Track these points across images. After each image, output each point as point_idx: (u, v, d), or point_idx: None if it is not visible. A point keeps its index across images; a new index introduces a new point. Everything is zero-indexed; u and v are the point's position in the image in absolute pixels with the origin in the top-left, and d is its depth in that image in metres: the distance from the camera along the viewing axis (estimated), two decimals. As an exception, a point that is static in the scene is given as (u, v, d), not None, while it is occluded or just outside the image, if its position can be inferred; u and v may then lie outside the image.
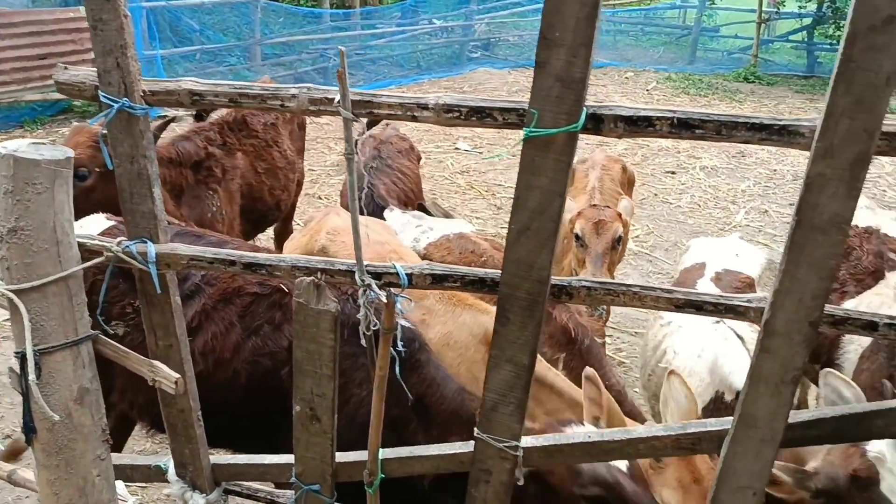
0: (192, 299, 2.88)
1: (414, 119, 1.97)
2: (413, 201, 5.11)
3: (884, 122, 1.64)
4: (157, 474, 2.70)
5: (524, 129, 1.84)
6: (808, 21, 18.61)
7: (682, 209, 9.29)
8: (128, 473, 2.75)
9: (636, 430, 2.17)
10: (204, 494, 2.62)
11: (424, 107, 1.95)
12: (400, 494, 2.54)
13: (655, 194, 9.72)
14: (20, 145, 2.13)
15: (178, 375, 2.24)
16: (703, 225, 8.84)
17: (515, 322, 2.05)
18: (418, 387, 2.69)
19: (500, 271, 2.04)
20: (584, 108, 1.81)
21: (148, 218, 2.26)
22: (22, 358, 2.15)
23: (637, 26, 21.92)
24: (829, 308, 1.86)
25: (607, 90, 15.25)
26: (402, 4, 17.47)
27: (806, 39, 18.77)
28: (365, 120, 5.31)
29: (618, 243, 4.55)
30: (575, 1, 1.70)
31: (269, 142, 5.02)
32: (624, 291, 2.02)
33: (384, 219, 4.56)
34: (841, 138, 1.64)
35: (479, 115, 1.91)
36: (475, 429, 2.22)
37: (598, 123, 1.84)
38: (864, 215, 4.33)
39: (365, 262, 2.14)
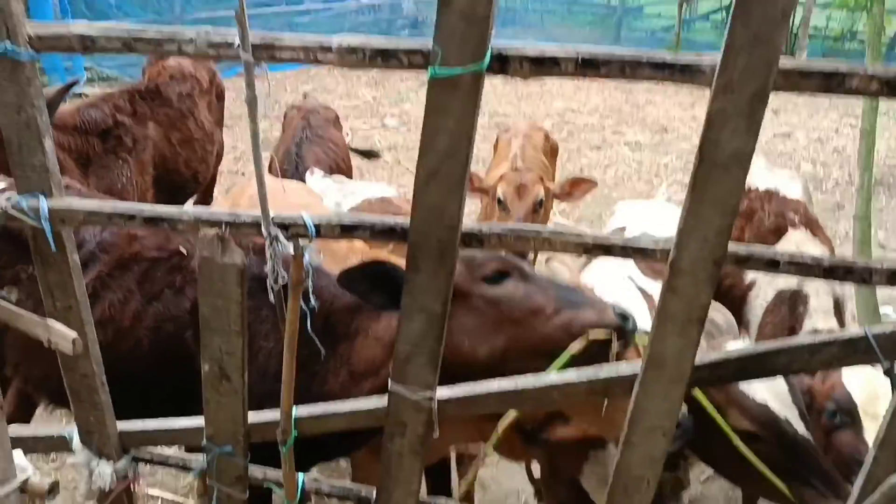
0: (87, 268, 2.74)
1: (317, 61, 1.91)
2: (345, 173, 5.04)
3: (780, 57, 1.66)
4: (62, 444, 2.59)
5: (429, 67, 1.80)
6: (727, 0, 19.09)
7: (607, 183, 9.43)
8: (30, 445, 2.63)
9: (550, 377, 2.17)
10: (111, 462, 2.53)
11: (328, 49, 1.89)
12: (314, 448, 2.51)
13: (581, 169, 9.83)
14: None
15: (74, 334, 2.14)
16: (627, 198, 8.98)
17: (426, 271, 2.02)
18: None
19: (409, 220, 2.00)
20: (490, 48, 1.78)
21: (39, 171, 2.14)
22: None
23: (564, 5, 22.09)
24: (732, 246, 1.88)
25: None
26: (329, -19, 17.22)
27: (725, 18, 19.22)
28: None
29: (539, 206, 4.55)
30: (477, -66, 1.66)
31: (185, 112, 4.86)
32: (535, 236, 2.01)
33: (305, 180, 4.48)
34: (740, 73, 1.65)
35: (384, 56, 1.86)
36: (389, 381, 2.19)
37: (503, 63, 1.81)
38: (763, 176, 4.46)
39: (272, 214, 2.07)
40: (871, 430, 2.72)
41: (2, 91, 2.06)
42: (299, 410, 2.32)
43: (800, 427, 2.44)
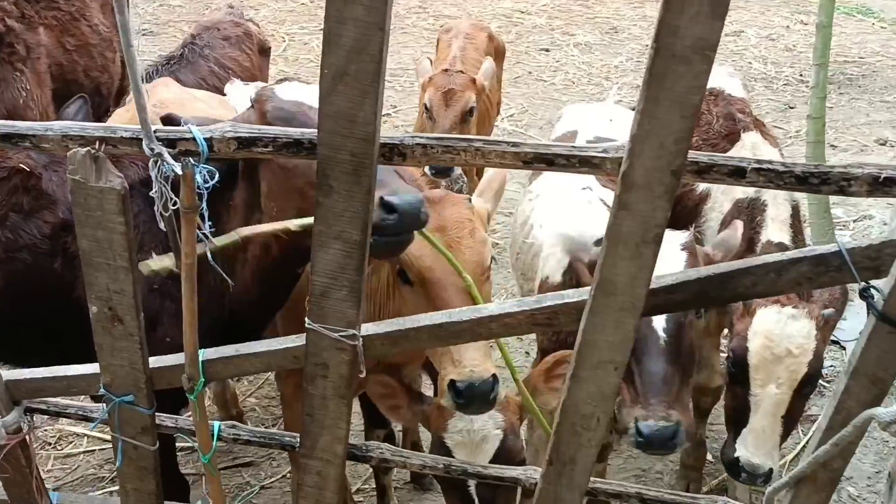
0: None
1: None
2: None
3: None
4: (-58, 397, 2.28)
5: (327, -59, 1.46)
6: None
7: (557, 86, 9.08)
8: None
9: (487, 308, 1.92)
10: (-1, 416, 2.24)
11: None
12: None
13: (529, 72, 9.43)
14: None
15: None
16: (576, 102, 8.67)
17: (340, 191, 1.72)
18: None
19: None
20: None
21: None
22: None
23: None
24: (692, 154, 1.62)
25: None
26: None
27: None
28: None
29: (469, 115, 4.18)
30: None
31: (75, 15, 4.30)
32: (465, 148, 1.71)
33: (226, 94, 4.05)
34: (706, -59, 1.35)
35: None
36: (305, 319, 1.92)
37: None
38: None
39: (154, 127, 1.74)
40: (782, 369, 2.59)
41: None
42: (207, 353, 2.04)
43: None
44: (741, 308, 2.72)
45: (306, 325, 1.92)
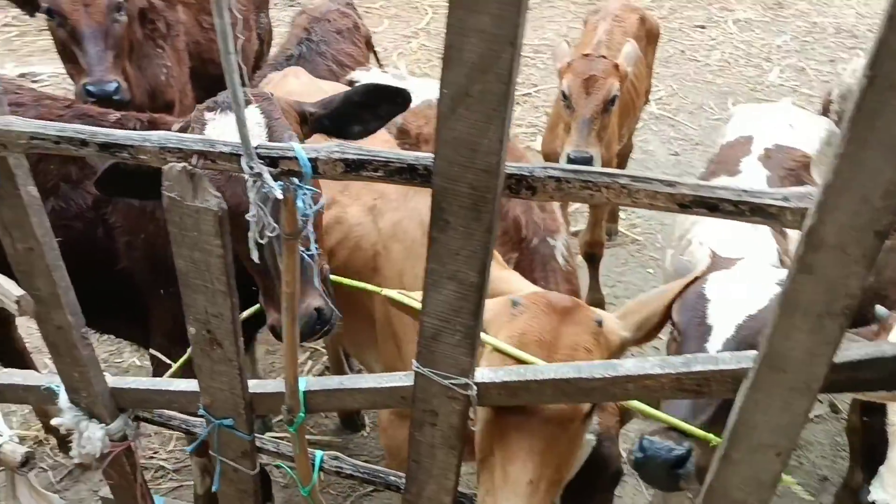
0: None
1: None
2: None
3: None
4: (50, 397, 2.24)
5: (452, -62, 1.20)
6: None
7: (711, 67, 8.42)
8: (20, 394, 2.30)
9: (624, 364, 1.63)
10: (103, 424, 2.17)
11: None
12: None
13: (682, 51, 8.81)
14: None
15: (21, 293, 1.73)
16: (732, 85, 8.00)
17: (457, 227, 1.48)
18: None
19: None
20: None
21: (-31, 85, 1.67)
22: None
23: None
24: (906, 209, 1.26)
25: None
26: None
27: None
28: None
29: (611, 104, 3.81)
30: None
31: None
32: (608, 184, 1.42)
33: (357, 81, 3.88)
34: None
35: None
36: (413, 361, 1.70)
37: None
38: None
39: (255, 143, 1.55)
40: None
41: None
42: (309, 384, 1.87)
43: None
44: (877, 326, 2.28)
45: (414, 367, 1.70)
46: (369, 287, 2.21)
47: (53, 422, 2.17)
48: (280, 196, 1.53)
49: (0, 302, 1.76)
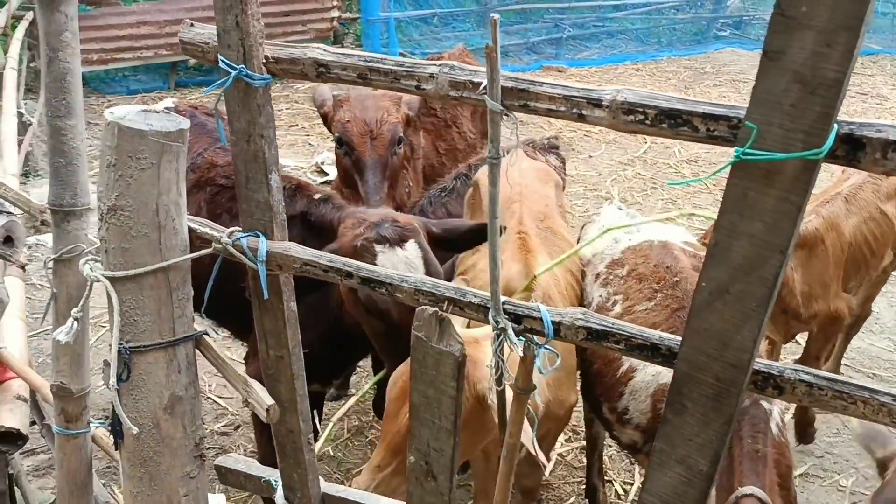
0: None
1: (581, 119, 1.43)
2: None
3: None
4: (268, 490, 2.40)
5: (735, 148, 1.24)
6: None
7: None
8: (240, 481, 2.49)
9: None
10: (311, 526, 2.29)
11: (597, 103, 1.40)
12: None
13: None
14: (129, 111, 1.86)
15: (271, 402, 1.90)
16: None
17: (695, 413, 1.47)
18: None
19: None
20: (835, 125, 1.18)
21: (263, 209, 1.91)
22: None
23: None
24: None
25: (875, 81, 12.91)
26: (649, -24, 16.32)
27: None
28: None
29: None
30: (840, -44, 1.07)
31: (448, 121, 4.53)
32: (866, 399, 1.36)
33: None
34: None
35: (672, 122, 1.33)
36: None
37: (854, 149, 1.20)
38: None
39: (504, 300, 1.64)
40: None
41: (235, 117, 1.85)
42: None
43: None
44: None
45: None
46: None
47: (271, 515, 2.32)
48: (521, 354, 1.61)
49: (252, 407, 1.94)
